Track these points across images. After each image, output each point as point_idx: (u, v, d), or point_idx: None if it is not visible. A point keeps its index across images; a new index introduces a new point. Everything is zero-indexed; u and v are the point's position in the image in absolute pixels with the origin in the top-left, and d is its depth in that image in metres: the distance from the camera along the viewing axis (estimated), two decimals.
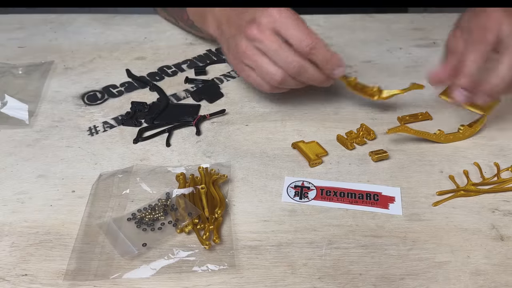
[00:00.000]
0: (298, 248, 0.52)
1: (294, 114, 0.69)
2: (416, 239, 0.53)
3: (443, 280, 0.49)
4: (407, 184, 0.59)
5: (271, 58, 0.63)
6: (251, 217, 0.55)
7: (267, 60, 0.63)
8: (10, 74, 0.76)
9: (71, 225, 0.54)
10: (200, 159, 0.63)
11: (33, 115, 0.69)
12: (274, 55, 0.62)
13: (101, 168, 0.61)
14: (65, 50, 0.83)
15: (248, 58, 0.64)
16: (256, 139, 0.66)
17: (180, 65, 0.80)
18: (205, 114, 0.68)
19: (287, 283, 0.49)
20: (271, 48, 0.62)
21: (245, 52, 0.63)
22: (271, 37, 0.62)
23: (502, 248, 0.52)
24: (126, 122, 0.68)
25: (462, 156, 0.63)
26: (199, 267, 0.50)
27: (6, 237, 0.53)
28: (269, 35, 0.62)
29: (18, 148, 0.64)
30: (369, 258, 0.51)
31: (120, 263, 0.50)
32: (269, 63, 0.63)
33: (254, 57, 0.63)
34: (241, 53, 0.64)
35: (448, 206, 0.56)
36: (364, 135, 0.65)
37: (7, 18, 0.91)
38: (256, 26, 0.62)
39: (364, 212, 0.56)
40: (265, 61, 0.63)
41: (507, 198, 0.57)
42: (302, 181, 0.59)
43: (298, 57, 0.62)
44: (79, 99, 0.73)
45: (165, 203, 0.55)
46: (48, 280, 0.49)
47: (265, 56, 0.63)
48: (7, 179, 0.60)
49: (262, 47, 0.62)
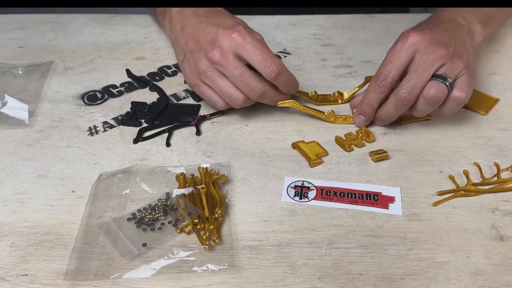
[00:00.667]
0: (298, 248, 0.52)
1: (294, 114, 0.69)
2: (416, 239, 0.53)
3: (443, 280, 0.49)
4: (407, 184, 0.59)
5: (233, 83, 0.63)
6: (251, 217, 0.55)
7: (229, 84, 0.63)
8: (10, 74, 0.76)
9: (71, 225, 0.54)
10: (200, 159, 0.63)
11: (33, 115, 0.69)
12: (236, 81, 0.62)
13: (101, 168, 0.61)
14: (65, 50, 0.83)
15: (207, 78, 0.64)
16: (256, 139, 0.66)
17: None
18: (205, 114, 0.68)
19: (287, 283, 0.49)
20: (234, 74, 0.62)
21: (205, 72, 0.63)
22: (234, 63, 0.62)
23: (502, 248, 0.52)
24: (126, 122, 0.68)
25: (462, 156, 0.63)
26: (199, 267, 0.50)
27: (6, 237, 0.53)
28: (232, 60, 0.62)
29: (18, 148, 0.64)
30: (369, 258, 0.51)
31: (120, 263, 0.50)
32: (231, 86, 0.63)
33: (215, 79, 0.63)
34: (201, 72, 0.64)
35: (448, 206, 0.56)
36: (363, 137, 0.65)
37: (7, 18, 0.91)
38: (219, 50, 0.62)
39: (364, 212, 0.56)
40: (227, 84, 0.63)
41: (507, 198, 0.57)
42: (302, 181, 0.59)
43: (261, 83, 0.62)
44: (79, 99, 0.73)
45: (165, 203, 0.55)
46: (48, 280, 0.49)
47: (226, 79, 0.63)
48: (7, 179, 0.60)
49: (224, 71, 0.62)
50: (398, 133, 0.66)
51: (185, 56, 0.68)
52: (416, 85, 0.60)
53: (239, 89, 0.63)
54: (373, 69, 0.65)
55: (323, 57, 0.81)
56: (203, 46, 0.64)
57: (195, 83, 0.66)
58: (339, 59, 0.80)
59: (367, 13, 0.91)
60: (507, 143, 0.64)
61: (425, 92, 0.60)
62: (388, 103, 0.63)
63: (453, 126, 0.67)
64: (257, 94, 0.63)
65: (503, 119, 0.68)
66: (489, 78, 0.75)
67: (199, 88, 0.66)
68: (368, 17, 0.90)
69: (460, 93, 0.61)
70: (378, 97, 0.63)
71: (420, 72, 0.60)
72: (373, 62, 0.79)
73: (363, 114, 0.65)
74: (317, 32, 0.86)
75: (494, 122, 0.67)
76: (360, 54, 0.81)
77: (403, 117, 0.68)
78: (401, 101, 0.61)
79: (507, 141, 0.65)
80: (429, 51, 0.60)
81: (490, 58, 0.79)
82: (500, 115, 0.69)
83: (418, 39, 0.61)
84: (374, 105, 0.64)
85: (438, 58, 0.60)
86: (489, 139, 0.65)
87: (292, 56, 0.81)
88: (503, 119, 0.68)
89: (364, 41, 0.84)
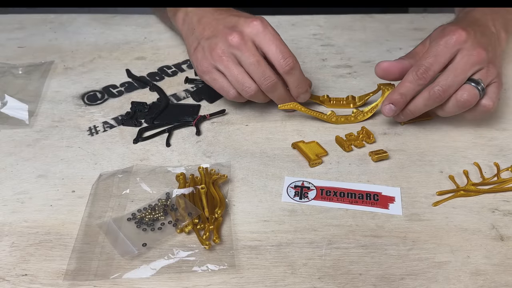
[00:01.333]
0: (298, 248, 0.52)
1: (294, 114, 0.69)
2: (416, 239, 0.53)
3: (443, 280, 0.49)
4: (407, 184, 0.59)
5: (247, 70, 0.62)
6: (251, 217, 0.55)
7: (243, 71, 0.63)
8: (10, 74, 0.76)
9: (71, 225, 0.54)
10: (200, 159, 0.63)
11: (33, 115, 0.69)
12: (251, 68, 0.62)
13: (101, 168, 0.61)
14: (65, 50, 0.83)
15: (222, 63, 0.63)
16: (256, 139, 0.66)
17: (180, 65, 0.80)
18: (205, 114, 0.68)
19: (287, 283, 0.49)
20: (250, 60, 0.61)
21: (221, 57, 0.63)
22: (252, 49, 0.62)
23: (502, 248, 0.52)
24: (126, 122, 0.68)
25: (462, 156, 0.63)
26: (199, 267, 0.50)
27: (6, 237, 0.53)
28: (251, 47, 0.62)
29: (18, 148, 0.64)
30: (369, 258, 0.51)
31: (120, 263, 0.50)
32: (245, 74, 0.63)
33: (230, 64, 0.63)
34: (216, 56, 0.63)
35: (448, 206, 0.56)
36: (363, 138, 0.65)
37: (7, 18, 0.91)
38: (239, 34, 0.62)
39: (364, 212, 0.56)
40: (241, 71, 0.63)
41: (507, 198, 0.57)
42: (302, 181, 0.59)
43: (274, 75, 0.62)
44: (79, 99, 0.73)
45: (165, 203, 0.55)
46: (48, 280, 0.49)
47: (240, 66, 0.63)
48: (7, 179, 0.60)
49: (241, 56, 0.62)
50: (398, 133, 0.66)
51: (199, 43, 0.67)
52: (452, 85, 0.59)
53: (253, 77, 0.62)
54: (373, 69, 0.65)
55: (323, 57, 0.81)
56: (222, 31, 0.63)
57: (207, 69, 0.65)
58: (339, 59, 0.80)
59: (367, 13, 0.91)
60: (507, 143, 0.64)
61: (458, 94, 0.60)
62: (419, 97, 0.61)
63: (453, 126, 0.67)
64: (270, 83, 0.62)
65: (503, 119, 0.68)
66: None
67: (211, 74, 0.65)
68: (368, 17, 0.90)
69: (489, 102, 0.61)
70: (416, 88, 0.61)
71: (459, 72, 0.59)
72: (373, 62, 0.79)
73: (394, 104, 0.62)
74: (317, 32, 0.86)
75: (494, 122, 0.67)
76: (360, 54, 0.81)
77: None
78: (434, 98, 0.60)
79: (507, 141, 0.65)
80: (471, 53, 0.60)
81: None
82: (500, 115, 0.69)
83: (464, 38, 0.60)
84: (408, 96, 0.62)
85: (478, 62, 0.60)
86: (489, 139, 0.65)
87: None
88: (503, 119, 0.68)
89: (364, 41, 0.84)
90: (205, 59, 0.65)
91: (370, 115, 0.68)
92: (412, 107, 0.63)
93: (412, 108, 0.63)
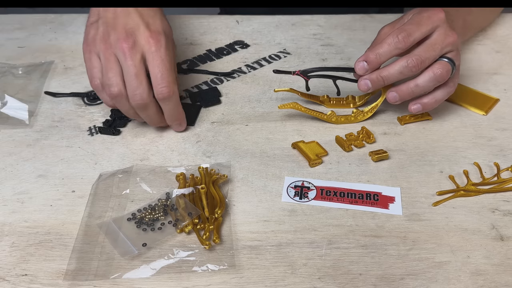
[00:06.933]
0: (298, 248, 0.52)
1: (294, 114, 0.69)
2: (416, 239, 0.53)
3: (443, 280, 0.49)
4: (407, 184, 0.59)
5: (124, 77, 0.60)
6: (251, 217, 0.55)
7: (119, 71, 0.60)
8: (10, 74, 0.76)
9: (71, 225, 0.54)
10: (200, 159, 0.63)
11: (33, 115, 0.69)
12: (127, 78, 0.60)
13: (101, 168, 0.61)
14: (65, 50, 0.83)
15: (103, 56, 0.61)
16: (256, 139, 0.66)
17: (180, 65, 0.80)
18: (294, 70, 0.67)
19: (287, 283, 0.49)
20: (129, 70, 0.59)
21: (107, 50, 0.60)
22: (136, 61, 0.59)
23: (502, 248, 0.52)
24: (104, 131, 0.66)
25: (462, 156, 0.63)
26: (199, 267, 0.50)
27: (6, 237, 0.53)
28: (136, 59, 0.59)
29: (18, 148, 0.64)
30: (369, 258, 0.51)
31: (120, 263, 0.50)
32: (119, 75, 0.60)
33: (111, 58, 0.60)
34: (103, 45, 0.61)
35: (448, 206, 0.56)
36: (363, 138, 0.65)
37: (7, 18, 0.91)
38: (132, 42, 0.60)
39: (364, 212, 0.56)
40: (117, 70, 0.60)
41: (507, 198, 0.57)
42: (302, 181, 0.59)
43: (149, 96, 0.60)
44: (79, 99, 0.73)
45: (165, 203, 0.55)
46: (48, 280, 0.49)
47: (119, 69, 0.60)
48: (7, 179, 0.60)
49: (123, 62, 0.60)
50: (398, 133, 0.66)
51: (98, 20, 0.63)
52: (429, 57, 0.61)
53: (126, 87, 0.60)
54: None
55: (323, 57, 0.81)
56: (120, 31, 0.61)
57: (90, 48, 0.62)
58: (339, 59, 0.80)
59: (367, 13, 0.91)
60: (507, 143, 0.64)
61: (435, 68, 0.62)
62: (395, 64, 0.62)
63: (453, 126, 0.67)
64: (139, 101, 0.60)
65: (503, 119, 0.68)
66: (489, 78, 0.75)
67: (90, 54, 0.62)
68: (368, 17, 0.90)
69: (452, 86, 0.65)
70: (392, 52, 0.62)
71: (436, 48, 0.61)
72: None
73: (367, 62, 0.63)
74: (317, 32, 0.86)
75: (494, 122, 0.67)
76: (360, 54, 0.81)
77: (403, 117, 0.68)
78: (410, 67, 0.61)
79: (507, 141, 0.65)
80: (448, 33, 0.62)
81: (491, 58, 0.79)
82: (500, 115, 0.69)
83: (444, 18, 0.62)
84: (382, 57, 0.62)
85: (452, 43, 0.62)
86: (489, 139, 0.65)
87: (292, 56, 0.81)
88: (503, 119, 0.68)
89: (364, 41, 0.84)
90: (92, 40, 0.63)
91: (370, 115, 0.68)
92: (385, 73, 0.63)
93: (385, 74, 0.63)
